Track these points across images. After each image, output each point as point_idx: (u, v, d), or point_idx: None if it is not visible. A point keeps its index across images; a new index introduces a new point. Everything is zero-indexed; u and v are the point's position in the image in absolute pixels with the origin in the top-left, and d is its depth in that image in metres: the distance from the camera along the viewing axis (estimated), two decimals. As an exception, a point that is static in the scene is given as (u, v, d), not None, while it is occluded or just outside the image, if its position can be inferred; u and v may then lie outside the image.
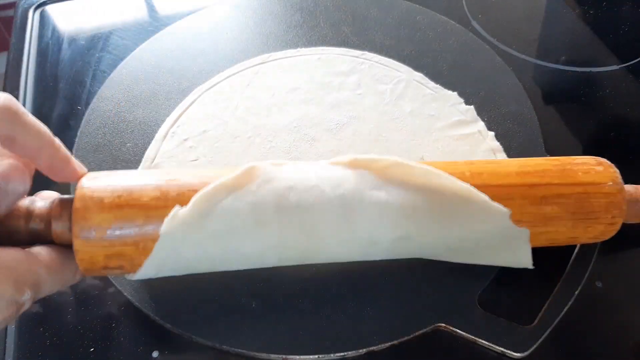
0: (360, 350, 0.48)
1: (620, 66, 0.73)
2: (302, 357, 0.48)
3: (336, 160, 0.49)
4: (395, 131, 0.63)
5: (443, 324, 0.49)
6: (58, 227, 0.44)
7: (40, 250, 0.43)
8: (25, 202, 0.44)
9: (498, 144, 0.62)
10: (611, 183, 0.50)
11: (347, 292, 0.51)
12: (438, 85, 0.68)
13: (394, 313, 0.50)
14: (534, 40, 0.77)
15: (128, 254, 0.44)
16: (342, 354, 0.48)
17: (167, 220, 0.43)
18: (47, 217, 0.44)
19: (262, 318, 0.50)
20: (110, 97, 0.68)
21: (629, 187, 0.52)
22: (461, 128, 0.63)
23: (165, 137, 0.63)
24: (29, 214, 0.44)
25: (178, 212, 0.43)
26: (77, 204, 0.43)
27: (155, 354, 0.49)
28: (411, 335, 0.49)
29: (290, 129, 0.63)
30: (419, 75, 0.69)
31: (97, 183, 0.44)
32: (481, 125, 0.64)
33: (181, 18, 0.78)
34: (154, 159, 0.61)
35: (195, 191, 0.44)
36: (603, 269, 0.54)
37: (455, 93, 0.67)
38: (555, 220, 0.49)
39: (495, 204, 0.47)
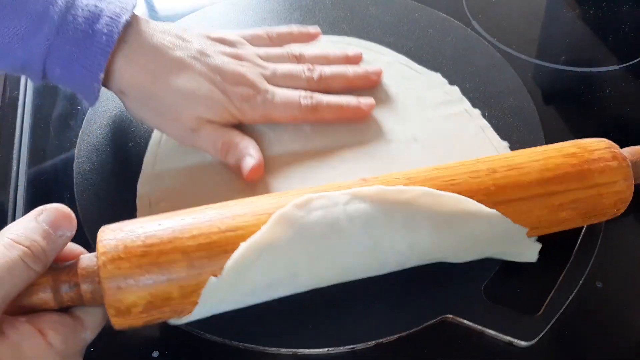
0: (369, 343, 0.49)
1: (620, 66, 0.74)
2: (311, 350, 0.49)
3: (362, 192, 0.47)
4: (385, 113, 0.65)
5: (450, 315, 0.50)
6: (89, 297, 0.43)
7: (82, 315, 0.44)
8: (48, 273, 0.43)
9: (485, 122, 0.65)
10: (623, 180, 0.52)
11: (355, 286, 0.52)
12: (422, 67, 0.71)
13: (401, 305, 0.52)
14: (534, 40, 0.78)
15: (166, 316, 0.45)
16: (351, 346, 0.49)
17: (204, 292, 0.44)
18: (77, 289, 0.43)
19: (272, 313, 0.51)
20: (111, 96, 0.67)
21: (628, 153, 0.55)
22: (448, 107, 0.66)
23: (160, 141, 0.64)
24: (55, 285, 0.43)
25: (213, 282, 0.44)
26: (107, 285, 0.42)
27: (155, 354, 0.50)
28: (419, 327, 0.50)
29: None
30: (403, 58, 0.72)
31: (117, 249, 0.43)
32: (467, 104, 0.67)
33: (181, 18, 0.79)
34: (154, 165, 0.62)
35: (222, 249, 0.44)
36: (603, 269, 0.55)
37: (439, 74, 0.70)
38: (567, 221, 0.52)
39: (517, 226, 0.50)
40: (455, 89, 0.68)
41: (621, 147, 0.55)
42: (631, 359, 0.50)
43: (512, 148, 0.62)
